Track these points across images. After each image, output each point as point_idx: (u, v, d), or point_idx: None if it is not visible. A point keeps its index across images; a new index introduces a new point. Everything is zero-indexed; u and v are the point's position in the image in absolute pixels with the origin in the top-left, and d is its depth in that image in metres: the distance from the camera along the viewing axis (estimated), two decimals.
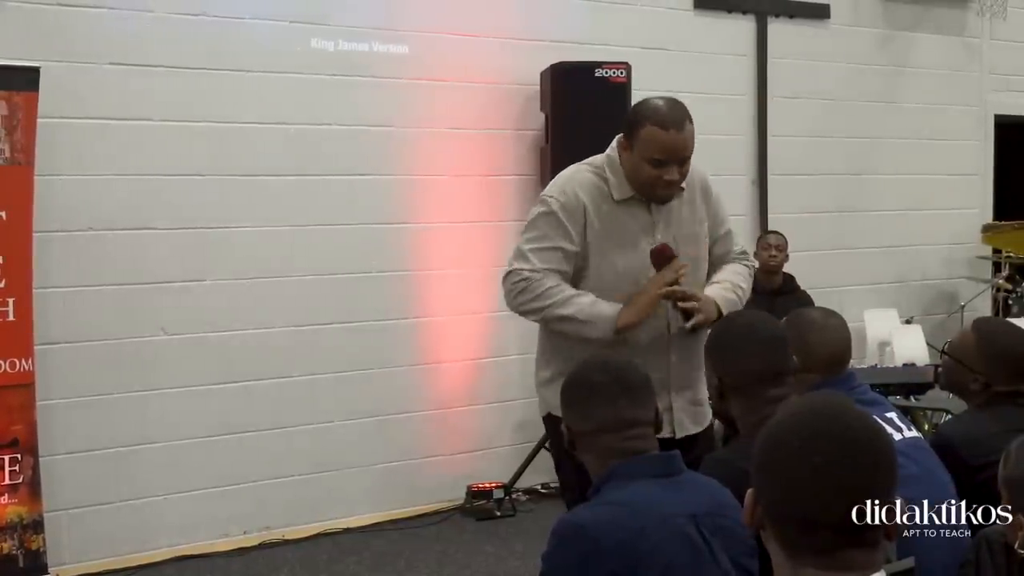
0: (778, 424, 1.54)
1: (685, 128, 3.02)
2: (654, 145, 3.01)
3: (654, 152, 3.02)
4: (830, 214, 7.11)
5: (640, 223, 3.14)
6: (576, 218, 3.10)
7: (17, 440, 4.47)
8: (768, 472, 1.51)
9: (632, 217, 3.13)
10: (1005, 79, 7.80)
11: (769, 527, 1.52)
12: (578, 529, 2.15)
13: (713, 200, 3.27)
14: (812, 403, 1.57)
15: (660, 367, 3.05)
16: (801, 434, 1.49)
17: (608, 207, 3.11)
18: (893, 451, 1.52)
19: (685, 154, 3.05)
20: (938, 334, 6.74)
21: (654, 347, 3.11)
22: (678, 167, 3.05)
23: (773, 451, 1.52)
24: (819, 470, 1.45)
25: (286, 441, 5.31)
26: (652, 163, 3.03)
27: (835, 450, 1.46)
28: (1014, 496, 2.06)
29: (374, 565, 4.98)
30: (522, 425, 5.91)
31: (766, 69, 6.78)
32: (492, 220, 5.83)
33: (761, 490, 1.52)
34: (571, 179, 3.18)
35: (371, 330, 5.52)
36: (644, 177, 3.06)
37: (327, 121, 5.39)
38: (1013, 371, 2.96)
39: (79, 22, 4.78)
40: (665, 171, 3.03)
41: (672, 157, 3.03)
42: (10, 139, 4.44)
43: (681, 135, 3.01)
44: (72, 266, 4.80)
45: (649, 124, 3.02)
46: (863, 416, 1.53)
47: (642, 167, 3.05)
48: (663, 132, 3.00)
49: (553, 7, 6.02)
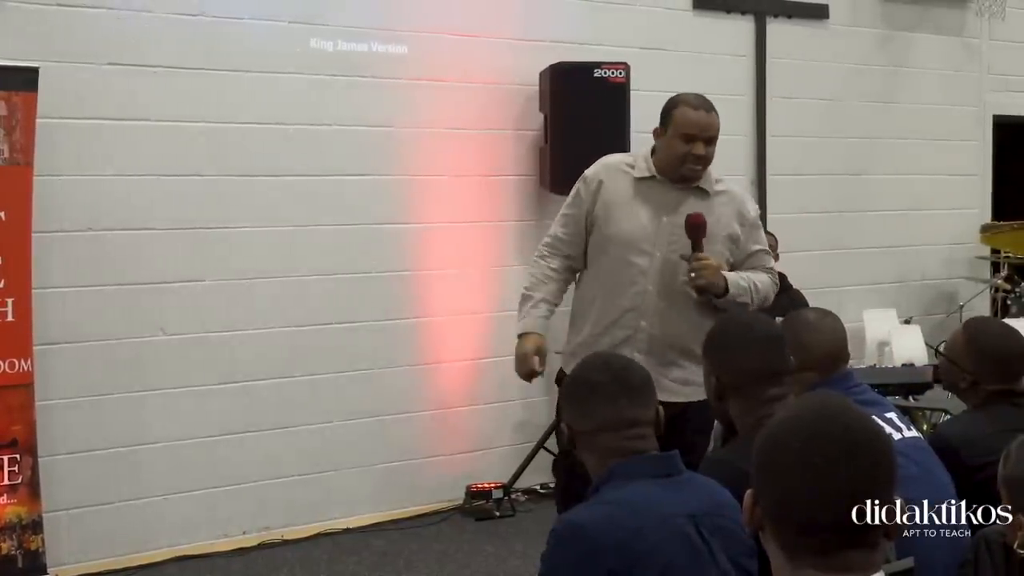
0: (778, 425, 1.54)
1: (712, 112, 3.55)
2: (685, 122, 3.51)
3: (685, 128, 3.50)
4: (829, 214, 7.11)
5: (662, 200, 3.57)
6: (590, 189, 3.63)
7: (16, 440, 4.47)
8: (767, 473, 1.51)
9: (653, 194, 3.58)
10: (1004, 79, 7.80)
11: (768, 528, 1.51)
12: (577, 529, 2.15)
13: (750, 222, 3.67)
14: (811, 404, 1.57)
15: (631, 326, 3.54)
16: (801, 435, 1.49)
17: (624, 182, 3.60)
18: (892, 452, 1.52)
19: (711, 133, 3.53)
20: (937, 334, 6.73)
21: (630, 306, 3.54)
22: (704, 144, 3.52)
23: (773, 452, 1.51)
24: (819, 471, 1.45)
25: (286, 441, 5.31)
26: (683, 138, 3.50)
27: (835, 451, 1.46)
28: (1014, 496, 2.06)
29: (374, 565, 4.98)
30: (521, 425, 5.92)
31: (765, 69, 6.78)
32: (491, 220, 5.84)
33: (760, 491, 1.52)
34: (601, 161, 3.72)
35: (371, 330, 5.52)
36: (676, 152, 3.52)
37: (326, 121, 5.39)
38: (1000, 370, 2.97)
39: (78, 22, 4.78)
40: (694, 147, 3.50)
41: (700, 134, 3.51)
42: (9, 139, 4.43)
43: (708, 116, 3.53)
44: (71, 266, 4.79)
45: (682, 105, 3.55)
46: (862, 417, 1.53)
47: (674, 143, 3.52)
48: (693, 111, 3.52)
49: (552, 7, 6.02)
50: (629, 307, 3.55)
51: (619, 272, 3.57)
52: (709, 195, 3.59)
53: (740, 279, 3.54)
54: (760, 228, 3.75)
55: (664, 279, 3.52)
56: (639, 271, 3.54)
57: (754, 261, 3.66)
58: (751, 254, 3.65)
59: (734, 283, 3.51)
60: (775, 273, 3.74)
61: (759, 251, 3.68)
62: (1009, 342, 3.02)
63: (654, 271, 3.53)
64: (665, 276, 3.52)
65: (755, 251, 3.67)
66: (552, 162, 5.75)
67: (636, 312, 3.54)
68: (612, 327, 3.57)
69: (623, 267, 3.56)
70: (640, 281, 3.54)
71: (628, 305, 3.55)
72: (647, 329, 3.53)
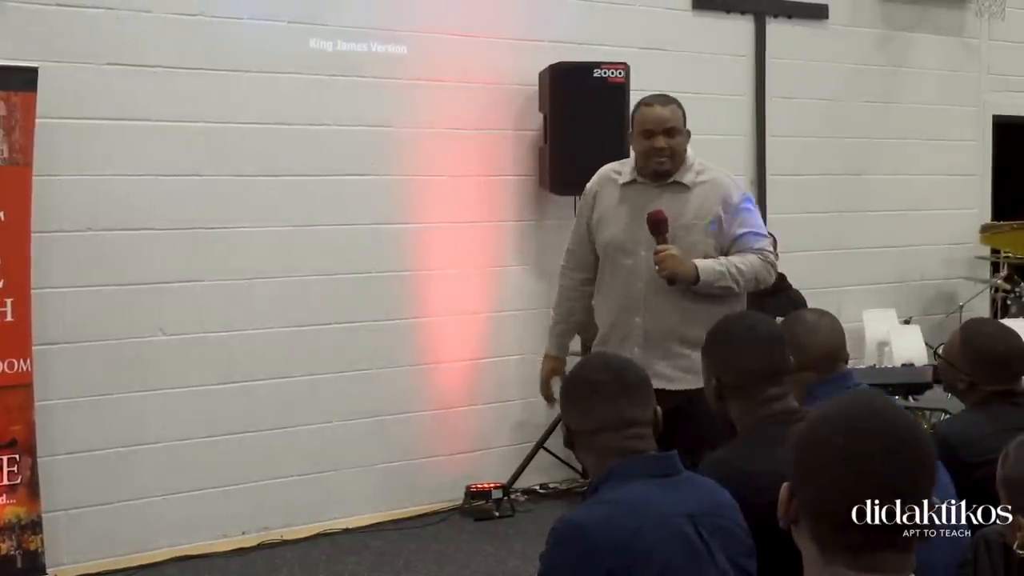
0: (820, 419, 1.53)
1: (667, 105, 3.76)
2: (642, 119, 3.76)
3: (643, 124, 3.74)
4: (829, 214, 7.11)
5: (639, 202, 3.76)
6: (588, 202, 3.92)
7: (15, 440, 4.47)
8: (807, 468, 1.50)
9: (633, 197, 3.79)
10: (1004, 79, 7.80)
11: (804, 523, 1.50)
12: (575, 528, 2.15)
13: (734, 207, 3.77)
14: (855, 400, 1.56)
15: (627, 323, 3.74)
16: (843, 430, 1.48)
17: (613, 189, 3.84)
18: (933, 452, 1.50)
19: (668, 124, 3.72)
20: (937, 334, 6.74)
21: (625, 304, 3.75)
22: (664, 137, 3.71)
23: (814, 446, 1.50)
24: (861, 468, 1.44)
25: (286, 441, 5.31)
26: (644, 135, 3.74)
27: (877, 448, 1.45)
28: (1013, 496, 2.06)
29: (373, 565, 4.98)
30: (521, 425, 5.92)
31: (765, 69, 6.78)
32: (491, 220, 5.84)
33: (798, 485, 1.50)
34: (598, 172, 3.97)
35: (371, 330, 5.52)
36: (641, 150, 3.76)
37: (325, 121, 5.38)
38: (996, 371, 2.97)
39: (77, 22, 4.78)
40: (654, 140, 3.71)
41: (656, 127, 3.72)
42: (8, 139, 4.43)
43: (664, 109, 3.75)
44: (70, 266, 4.79)
45: (640, 106, 3.81)
46: (906, 416, 1.52)
47: (638, 142, 3.77)
48: (648, 108, 3.77)
49: (552, 7, 6.02)
50: (624, 306, 3.76)
51: (613, 275, 3.82)
52: (688, 187, 3.75)
53: (715, 264, 3.67)
54: (749, 211, 3.81)
55: (652, 275, 3.68)
56: (628, 271, 3.76)
57: (741, 244, 3.76)
58: (737, 237, 3.76)
59: (706, 269, 3.65)
60: (768, 254, 3.80)
61: (746, 234, 3.77)
62: (1005, 343, 3.02)
63: (642, 269, 3.72)
64: (653, 272, 3.68)
65: (741, 234, 3.76)
66: (552, 162, 5.75)
67: (630, 310, 3.75)
68: (614, 327, 3.80)
69: (615, 269, 3.80)
70: (631, 280, 3.75)
71: (624, 304, 3.77)
72: (642, 325, 3.72)
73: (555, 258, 5.99)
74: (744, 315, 3.19)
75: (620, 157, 5.68)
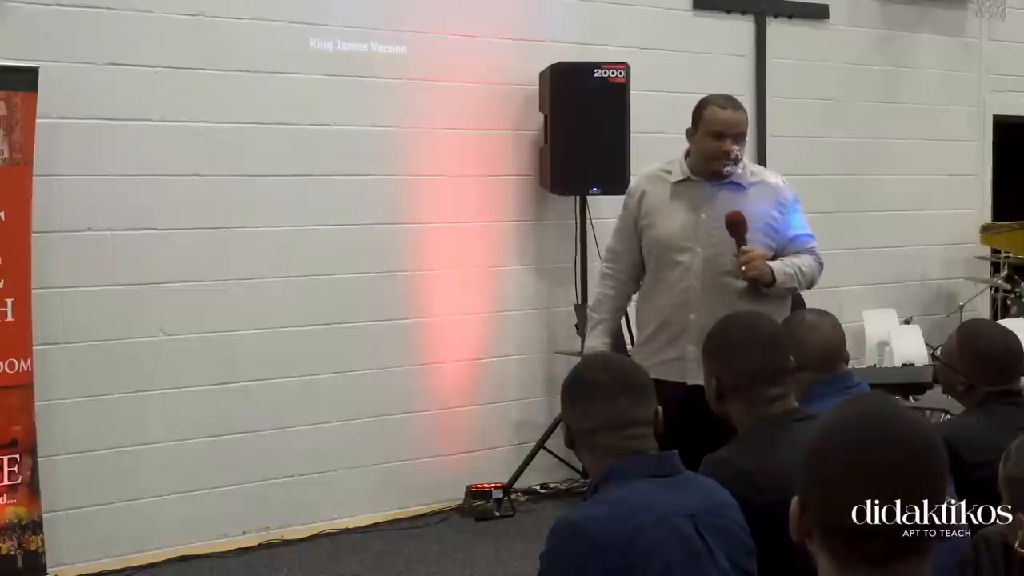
0: (827, 429, 1.49)
1: (740, 110, 3.77)
2: (714, 120, 3.72)
3: (714, 126, 3.71)
4: (829, 214, 7.08)
5: (696, 199, 3.77)
6: (634, 200, 3.89)
7: (16, 441, 4.47)
8: (818, 480, 1.46)
9: (687, 194, 3.79)
10: (1003, 79, 7.80)
11: (817, 536, 1.46)
12: (575, 528, 2.15)
13: (787, 208, 3.84)
14: (861, 407, 1.51)
15: (681, 320, 3.72)
16: (851, 440, 1.44)
17: (662, 188, 3.83)
18: (945, 454, 1.47)
19: (739, 129, 3.73)
20: (937, 334, 6.74)
21: (680, 301, 3.73)
22: (732, 141, 3.71)
23: (824, 458, 1.46)
24: (870, 476, 1.40)
25: (286, 441, 5.31)
26: (713, 136, 3.71)
27: (887, 456, 1.41)
28: (1014, 495, 2.06)
29: (374, 565, 4.98)
30: (521, 425, 5.92)
31: (765, 69, 6.78)
32: (491, 220, 5.84)
33: (808, 497, 1.47)
34: (641, 173, 4.04)
35: (371, 330, 5.52)
36: (707, 150, 3.73)
37: (326, 121, 5.39)
38: (994, 372, 2.97)
39: (78, 22, 4.78)
40: (723, 143, 3.70)
41: (728, 131, 3.71)
42: (9, 139, 4.44)
43: (736, 113, 3.74)
44: (71, 266, 4.79)
45: (711, 105, 3.76)
46: (914, 419, 1.48)
47: (705, 141, 3.73)
48: (721, 110, 3.74)
49: (552, 7, 6.02)
50: (678, 302, 3.76)
51: (666, 271, 3.80)
52: (744, 187, 3.79)
53: (785, 266, 3.74)
54: (798, 212, 3.88)
55: (708, 272, 3.71)
56: (684, 268, 3.76)
57: (796, 245, 3.82)
58: (792, 239, 3.82)
59: (779, 271, 3.71)
60: (820, 255, 3.87)
61: (801, 235, 3.84)
62: (1003, 344, 3.02)
63: (697, 266, 3.73)
64: (708, 269, 3.71)
65: (796, 235, 3.83)
66: (552, 162, 5.75)
67: (685, 306, 3.74)
68: (666, 323, 3.80)
69: (669, 266, 3.79)
70: (685, 277, 3.75)
71: (677, 301, 3.76)
72: (697, 321, 3.66)
73: (555, 258, 6.04)
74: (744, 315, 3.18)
75: (620, 157, 5.76)
